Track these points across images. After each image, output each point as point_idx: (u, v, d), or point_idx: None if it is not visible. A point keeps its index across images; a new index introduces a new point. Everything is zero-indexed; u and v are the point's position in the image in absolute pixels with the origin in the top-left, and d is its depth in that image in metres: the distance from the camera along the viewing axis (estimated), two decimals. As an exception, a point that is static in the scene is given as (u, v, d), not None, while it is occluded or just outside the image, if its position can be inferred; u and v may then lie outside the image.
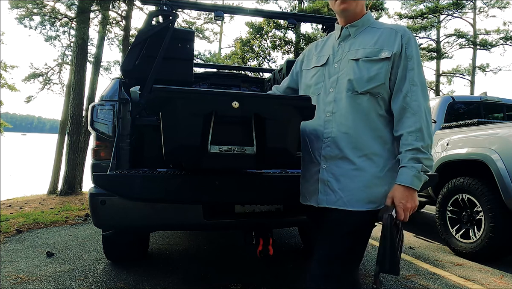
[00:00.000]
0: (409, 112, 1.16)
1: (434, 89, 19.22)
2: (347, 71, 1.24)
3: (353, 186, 1.19)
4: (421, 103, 1.16)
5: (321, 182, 1.25)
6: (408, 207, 1.13)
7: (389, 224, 1.08)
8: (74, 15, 9.01)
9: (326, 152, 1.24)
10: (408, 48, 1.19)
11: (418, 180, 1.13)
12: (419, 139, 1.13)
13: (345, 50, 1.28)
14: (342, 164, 1.21)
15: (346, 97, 1.22)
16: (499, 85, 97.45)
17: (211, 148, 1.24)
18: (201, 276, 2.62)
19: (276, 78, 3.54)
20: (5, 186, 10.45)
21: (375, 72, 1.19)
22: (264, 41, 14.79)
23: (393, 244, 1.08)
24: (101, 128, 2.04)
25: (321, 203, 1.24)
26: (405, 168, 1.14)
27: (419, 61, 1.21)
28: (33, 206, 6.13)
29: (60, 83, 12.77)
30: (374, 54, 1.21)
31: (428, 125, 1.16)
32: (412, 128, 1.14)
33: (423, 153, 1.13)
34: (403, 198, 1.12)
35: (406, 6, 18.76)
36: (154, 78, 2.06)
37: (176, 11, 2.32)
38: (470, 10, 18.34)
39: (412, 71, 1.18)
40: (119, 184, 1.57)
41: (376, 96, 1.21)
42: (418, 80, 1.18)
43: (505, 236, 3.02)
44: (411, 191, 1.13)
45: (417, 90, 1.17)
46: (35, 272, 2.64)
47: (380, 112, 1.22)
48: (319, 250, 1.22)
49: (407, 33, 1.22)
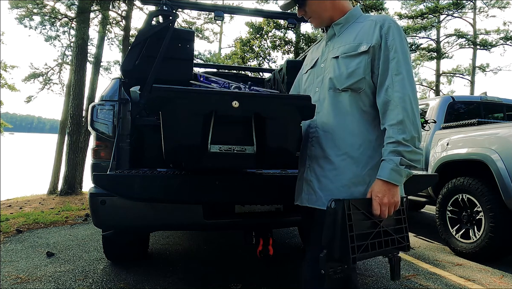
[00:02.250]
0: (391, 104, 1.11)
1: (434, 89, 19.22)
2: (329, 69, 1.23)
3: (332, 187, 1.17)
4: (405, 93, 1.10)
5: (305, 181, 1.26)
6: (385, 202, 1.08)
7: (342, 208, 1.04)
8: (74, 15, 9.01)
9: (311, 151, 1.25)
10: (389, 38, 1.14)
11: (396, 174, 1.07)
12: (400, 132, 1.08)
13: (330, 49, 1.28)
14: (323, 164, 1.21)
15: (328, 96, 1.22)
16: (499, 85, 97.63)
17: (211, 147, 1.25)
18: (201, 276, 2.62)
19: (276, 78, 3.54)
20: (5, 186, 10.45)
21: (354, 67, 1.16)
22: (264, 41, 14.79)
23: (344, 230, 1.03)
24: (101, 128, 2.04)
25: (304, 202, 1.25)
26: (384, 161, 1.10)
27: (404, 50, 1.14)
28: (33, 206, 6.13)
29: (60, 83, 12.80)
30: (353, 49, 1.18)
31: (413, 117, 1.10)
32: (394, 121, 1.09)
33: (405, 146, 1.08)
34: (380, 192, 1.08)
35: (406, 6, 18.76)
36: (154, 78, 2.06)
37: (176, 11, 2.33)
38: (470, 10, 18.35)
39: (394, 60, 1.12)
40: (119, 184, 1.57)
41: (358, 91, 1.18)
42: (402, 69, 1.12)
43: (505, 236, 3.02)
44: (389, 185, 1.08)
45: (401, 80, 1.11)
46: (35, 272, 2.64)
47: (364, 108, 1.19)
48: (307, 251, 1.24)
49: (387, 22, 1.16)
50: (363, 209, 1.10)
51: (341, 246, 1.04)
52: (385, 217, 1.11)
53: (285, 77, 3.25)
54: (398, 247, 1.17)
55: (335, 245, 1.04)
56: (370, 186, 1.15)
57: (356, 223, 1.06)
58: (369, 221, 1.11)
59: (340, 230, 1.04)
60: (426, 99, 4.55)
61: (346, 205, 1.05)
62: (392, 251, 1.16)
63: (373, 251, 1.10)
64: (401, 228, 1.19)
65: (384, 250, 1.13)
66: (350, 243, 1.03)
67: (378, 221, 1.12)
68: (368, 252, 1.08)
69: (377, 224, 1.12)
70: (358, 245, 1.05)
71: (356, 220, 1.07)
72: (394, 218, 1.17)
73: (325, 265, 1.05)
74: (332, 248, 1.05)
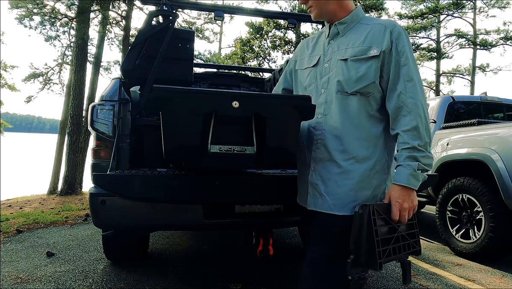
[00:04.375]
0: (404, 110, 1.12)
1: (434, 89, 19.22)
2: (337, 71, 1.21)
3: (339, 190, 1.17)
4: (418, 99, 1.12)
5: (310, 184, 1.25)
6: (405, 207, 1.10)
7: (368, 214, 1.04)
8: (74, 15, 9.02)
9: (316, 154, 1.23)
10: (399, 44, 1.14)
11: (415, 179, 1.09)
12: (415, 138, 1.10)
13: (334, 49, 1.24)
14: (330, 167, 1.19)
15: (336, 98, 1.20)
16: (499, 85, 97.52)
17: (211, 148, 1.24)
18: (201, 276, 2.62)
19: (276, 78, 3.54)
20: (5, 186, 10.45)
21: (363, 71, 1.16)
22: (264, 41, 14.80)
23: (370, 235, 1.04)
24: (101, 128, 2.04)
25: (310, 206, 1.24)
26: (401, 166, 1.11)
27: (412, 56, 1.16)
28: (33, 206, 6.13)
29: (60, 83, 12.79)
30: (362, 53, 1.17)
31: (426, 122, 1.12)
32: (408, 127, 1.10)
33: (421, 151, 1.09)
34: (400, 198, 1.10)
35: (406, 6, 18.76)
36: (154, 78, 2.06)
37: (176, 11, 2.32)
38: (470, 10, 18.34)
39: (405, 66, 1.13)
40: (119, 184, 1.57)
41: (367, 95, 1.17)
42: (414, 75, 1.14)
43: (505, 236, 3.02)
44: (408, 190, 1.10)
45: (413, 86, 1.13)
46: (35, 272, 2.64)
47: (371, 112, 1.19)
48: (308, 251, 1.23)
49: (397, 28, 1.17)
50: (385, 214, 1.10)
51: (367, 251, 1.04)
52: (405, 222, 1.12)
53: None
54: (412, 252, 1.18)
55: (362, 250, 1.05)
56: (375, 189, 1.16)
57: (379, 228, 1.07)
58: (388, 226, 1.12)
59: (366, 235, 1.05)
60: (426, 99, 4.55)
61: (372, 210, 1.05)
62: (407, 256, 1.17)
63: (394, 256, 1.11)
64: (413, 233, 1.20)
65: (399, 255, 1.14)
66: (377, 248, 1.03)
67: (396, 226, 1.13)
68: (390, 256, 1.09)
69: (396, 229, 1.12)
70: (383, 250, 1.06)
71: (379, 225, 1.07)
72: (407, 223, 1.18)
73: (351, 270, 1.05)
74: (359, 253, 1.05)
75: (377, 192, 1.17)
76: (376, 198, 1.16)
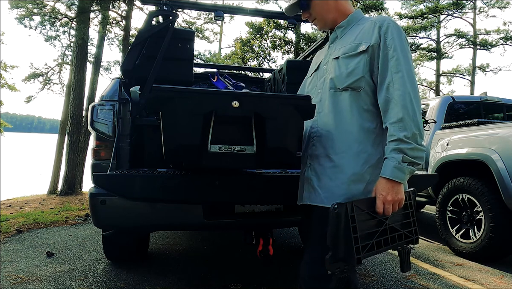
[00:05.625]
0: (392, 102, 1.12)
1: (434, 89, 19.23)
2: (330, 70, 1.26)
3: (331, 184, 1.18)
4: (405, 91, 1.11)
5: (306, 180, 1.28)
6: (389, 200, 1.09)
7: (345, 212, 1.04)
8: (74, 15, 9.02)
9: (312, 151, 1.27)
10: (388, 37, 1.15)
11: (399, 171, 1.08)
12: (401, 129, 1.09)
13: (332, 51, 1.30)
14: (323, 162, 1.22)
15: (329, 95, 1.24)
16: (499, 85, 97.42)
17: (211, 147, 1.25)
18: (201, 276, 2.62)
19: (276, 78, 3.54)
20: (5, 186, 10.45)
21: (353, 66, 1.19)
22: (264, 41, 14.80)
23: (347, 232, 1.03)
24: (101, 128, 2.04)
25: (305, 200, 1.26)
26: (387, 159, 1.11)
27: (404, 49, 1.15)
28: (33, 206, 6.13)
29: (60, 83, 12.79)
30: (352, 49, 1.20)
31: (413, 114, 1.10)
32: (395, 119, 1.10)
33: (407, 143, 1.08)
34: (384, 190, 1.09)
35: (406, 6, 18.76)
36: (154, 78, 2.06)
37: (176, 11, 2.32)
38: (470, 10, 18.35)
39: (393, 59, 1.14)
40: (119, 184, 1.57)
41: (358, 90, 1.19)
42: (402, 67, 1.13)
43: (505, 236, 3.02)
44: (393, 183, 1.09)
45: (401, 78, 1.12)
46: (35, 272, 2.64)
47: (365, 107, 1.20)
48: (306, 250, 1.25)
49: (386, 22, 1.18)
50: (368, 209, 1.10)
51: (345, 248, 1.05)
52: (389, 215, 1.11)
53: (285, 77, 3.25)
54: (407, 241, 1.18)
55: (340, 247, 1.05)
56: (369, 184, 1.16)
57: (360, 223, 1.06)
58: (375, 220, 1.11)
59: (344, 233, 1.04)
60: (426, 99, 4.55)
61: (349, 208, 1.05)
62: (402, 245, 1.17)
63: (380, 249, 1.11)
64: (409, 222, 1.20)
65: (391, 246, 1.14)
66: (355, 244, 1.03)
67: (383, 219, 1.12)
68: (373, 250, 1.09)
69: (382, 222, 1.12)
70: (362, 245, 1.05)
71: (361, 220, 1.07)
72: (401, 213, 1.18)
73: (331, 266, 1.05)
74: (336, 250, 1.05)
75: (371, 187, 1.16)
76: (369, 193, 1.16)
